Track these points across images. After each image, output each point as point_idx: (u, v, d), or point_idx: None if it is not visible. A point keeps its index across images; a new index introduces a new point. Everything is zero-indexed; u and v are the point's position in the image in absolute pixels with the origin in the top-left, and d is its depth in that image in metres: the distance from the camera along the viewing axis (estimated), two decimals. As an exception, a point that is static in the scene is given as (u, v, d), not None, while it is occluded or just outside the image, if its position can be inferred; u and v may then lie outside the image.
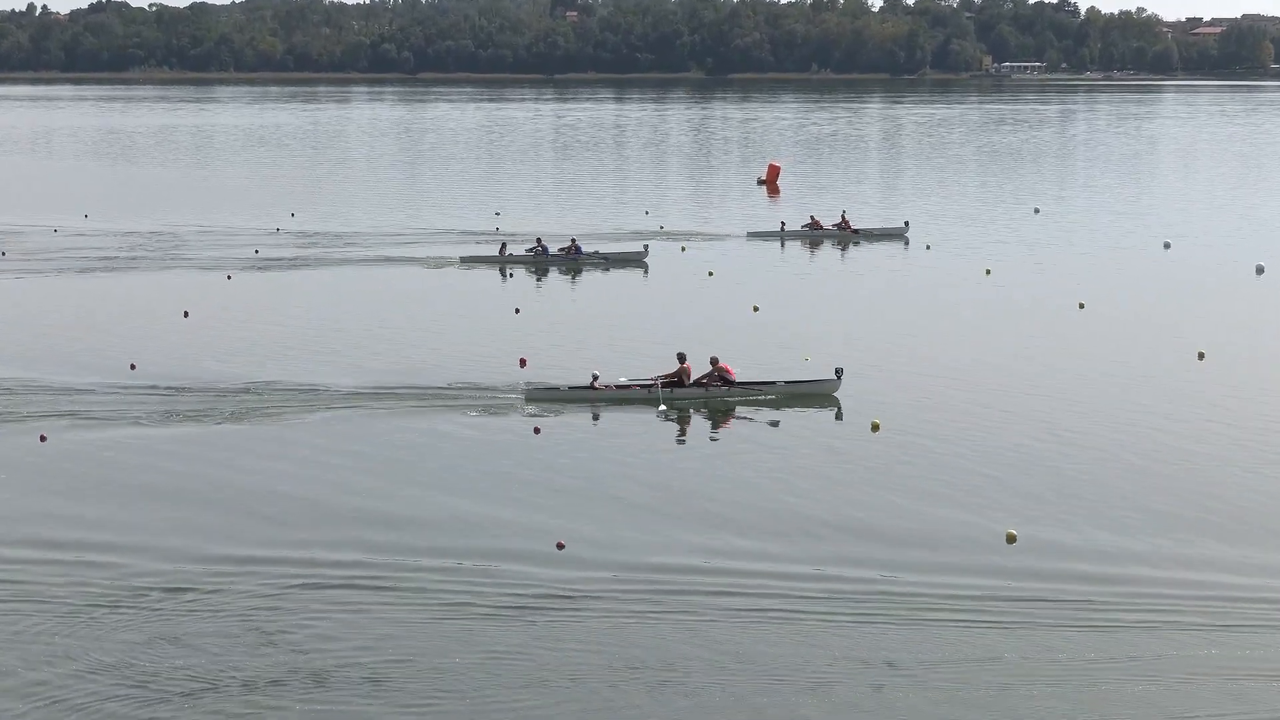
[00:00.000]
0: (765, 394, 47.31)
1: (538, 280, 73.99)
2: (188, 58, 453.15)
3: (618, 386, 47.64)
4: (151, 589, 30.52)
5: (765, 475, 39.19)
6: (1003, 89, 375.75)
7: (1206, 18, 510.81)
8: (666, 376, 47.52)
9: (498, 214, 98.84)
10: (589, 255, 78.11)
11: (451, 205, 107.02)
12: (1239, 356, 53.27)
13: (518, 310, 62.92)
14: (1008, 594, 30.20)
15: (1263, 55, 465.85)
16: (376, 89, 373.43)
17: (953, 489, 37.45)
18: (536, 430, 43.33)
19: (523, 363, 51.09)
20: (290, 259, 78.92)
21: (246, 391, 47.20)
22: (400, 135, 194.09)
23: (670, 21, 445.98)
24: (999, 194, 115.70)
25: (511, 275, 75.27)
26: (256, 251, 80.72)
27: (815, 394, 47.34)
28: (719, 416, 46.12)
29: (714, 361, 47.83)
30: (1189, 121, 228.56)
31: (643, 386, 47.61)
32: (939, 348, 55.00)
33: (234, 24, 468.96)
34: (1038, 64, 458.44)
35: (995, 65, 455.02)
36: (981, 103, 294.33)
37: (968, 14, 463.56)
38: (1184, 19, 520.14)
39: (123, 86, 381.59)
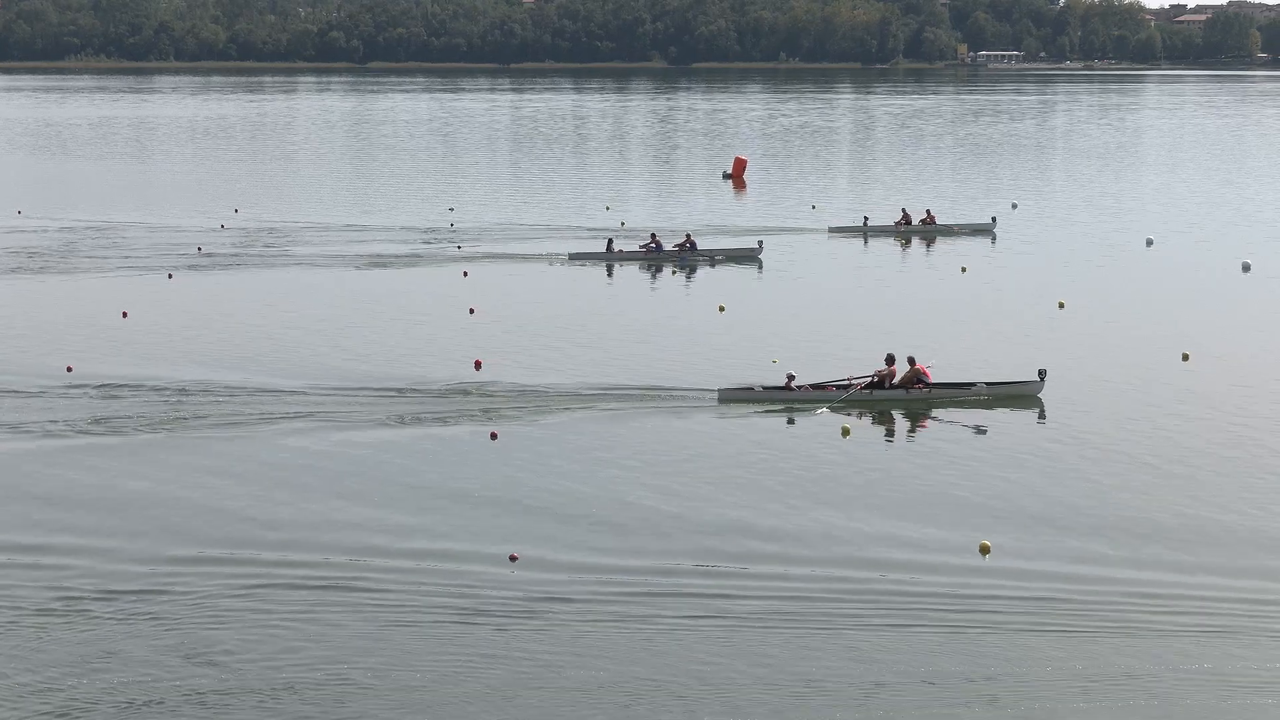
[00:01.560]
0: (967, 396, 47.56)
1: (653, 277, 74.64)
2: (126, 46, 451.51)
3: (812, 387, 47.75)
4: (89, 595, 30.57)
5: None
6: (979, 79, 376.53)
7: (1191, 4, 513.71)
8: (872, 376, 47.91)
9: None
10: (704, 252, 78.90)
11: (405, 200, 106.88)
12: (1225, 357, 53.57)
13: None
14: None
15: (1249, 44, 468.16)
16: (324, 79, 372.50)
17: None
18: (493, 436, 43.27)
19: (478, 365, 51.14)
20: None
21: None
22: (351, 127, 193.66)
23: (632, 9, 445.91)
24: (977, 189, 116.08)
25: (612, 272, 75.86)
26: (200, 249, 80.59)
27: (1018, 395, 47.67)
28: (916, 419, 46.66)
29: (911, 362, 48.10)
30: (1174, 113, 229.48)
31: (839, 387, 47.76)
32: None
33: (174, 11, 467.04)
34: (1015, 53, 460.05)
35: (971, 54, 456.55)
36: (957, 93, 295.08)
37: (942, 1, 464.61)
38: (1167, 6, 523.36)
39: (58, 76, 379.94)
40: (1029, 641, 28.81)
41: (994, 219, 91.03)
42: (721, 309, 63.54)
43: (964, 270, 74.29)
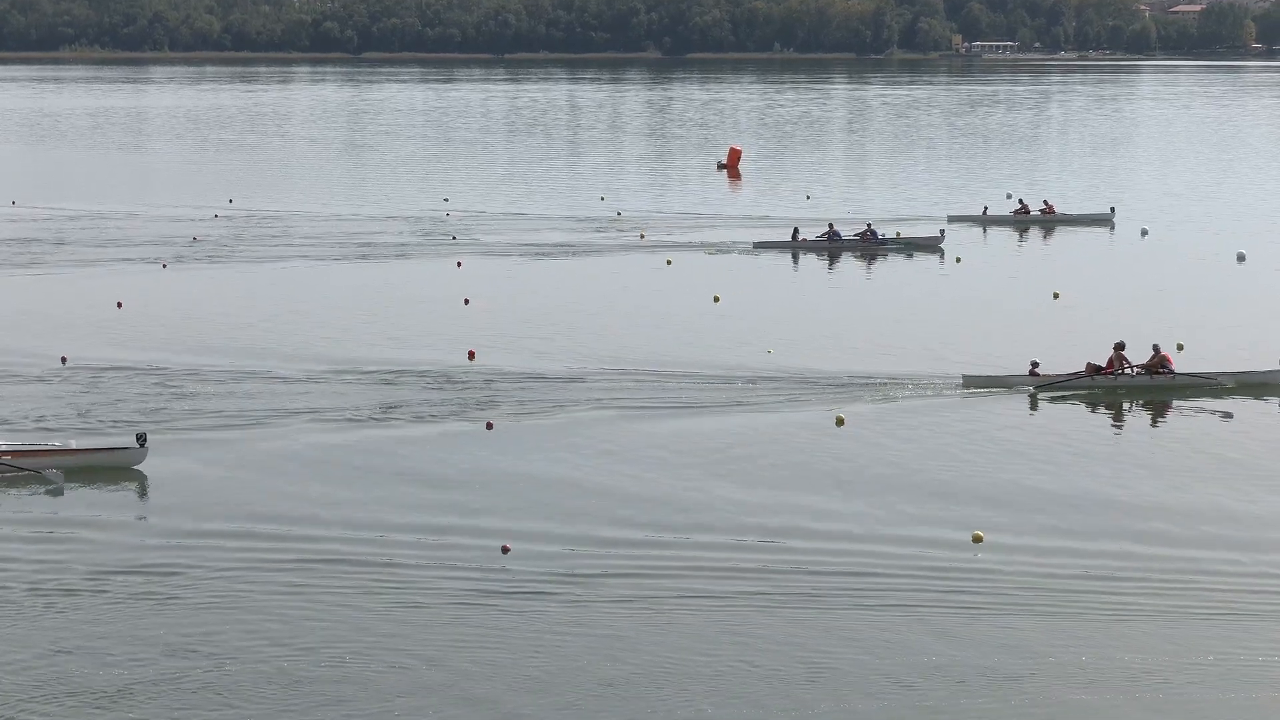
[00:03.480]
0: (1213, 384, 47.48)
1: (830, 265, 74.89)
2: (120, 36, 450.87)
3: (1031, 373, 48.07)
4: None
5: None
6: (974, 69, 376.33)
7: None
8: (1131, 366, 47.91)
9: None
10: (885, 240, 79.04)
11: (400, 189, 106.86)
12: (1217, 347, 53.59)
13: (716, 299, 63.23)
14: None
15: (1244, 35, 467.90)
16: (319, 69, 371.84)
17: None
18: (489, 425, 43.20)
19: (471, 355, 51.14)
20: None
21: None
22: (346, 118, 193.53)
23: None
24: (973, 179, 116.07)
25: (797, 260, 76.20)
26: (194, 239, 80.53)
27: (1266, 384, 47.65)
28: (1158, 407, 46.92)
29: (1156, 349, 48.06)
30: (1171, 103, 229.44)
31: (1073, 375, 47.85)
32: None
33: (168, 1, 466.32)
34: (1010, 43, 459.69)
35: (966, 45, 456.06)
36: (954, 84, 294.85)
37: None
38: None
39: (53, 66, 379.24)
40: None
41: (1112, 209, 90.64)
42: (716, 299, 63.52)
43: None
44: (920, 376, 48.38)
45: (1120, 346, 48.05)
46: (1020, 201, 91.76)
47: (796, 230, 79.69)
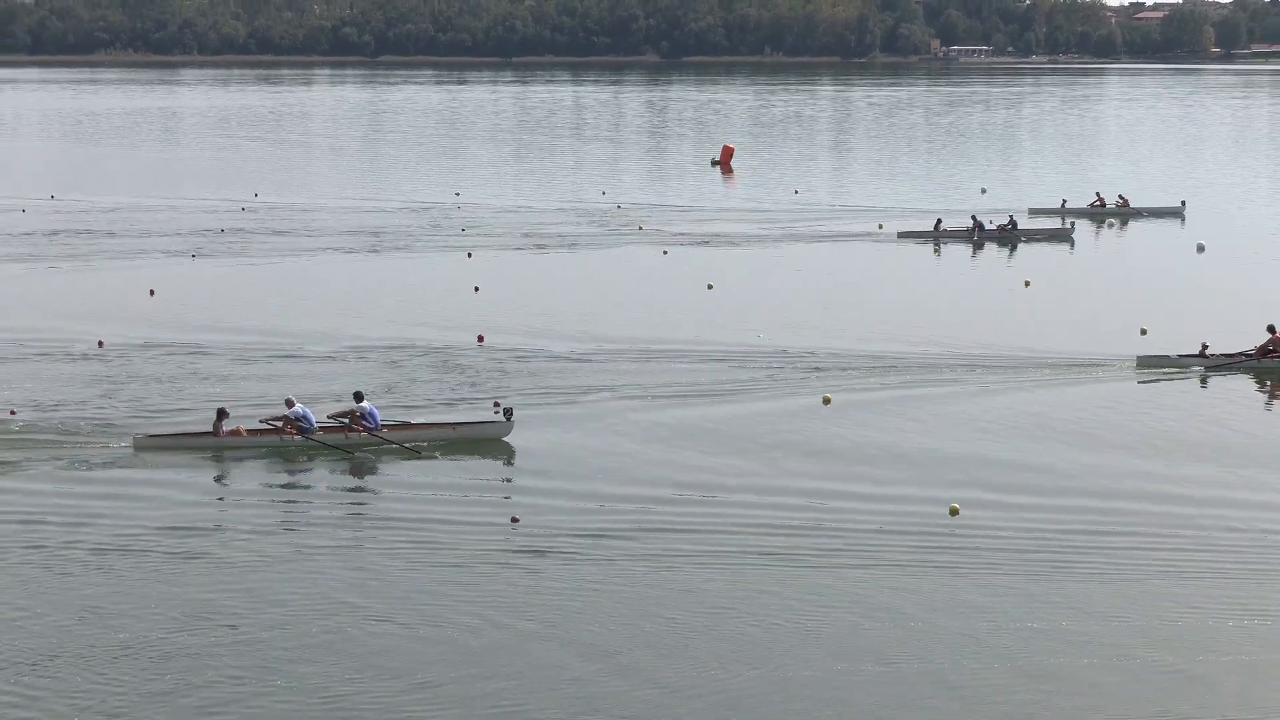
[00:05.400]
0: None
1: (973, 254, 75.06)
2: (152, 41, 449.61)
3: (1226, 356, 47.91)
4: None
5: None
6: (951, 72, 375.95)
7: (1149, 2, 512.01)
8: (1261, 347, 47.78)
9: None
10: (1023, 231, 79.46)
11: (411, 181, 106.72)
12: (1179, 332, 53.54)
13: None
14: None
15: (1203, 39, 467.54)
16: (338, 72, 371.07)
17: None
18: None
19: (480, 339, 51.12)
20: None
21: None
22: (364, 117, 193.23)
23: (626, 5, 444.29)
24: (949, 175, 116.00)
25: (939, 250, 76.29)
26: (222, 231, 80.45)
27: None
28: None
29: (1271, 330, 47.88)
30: (1138, 104, 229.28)
31: (1246, 356, 47.70)
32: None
33: (197, 8, 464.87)
34: (985, 48, 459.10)
35: (943, 49, 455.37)
36: (933, 85, 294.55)
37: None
38: (1127, 3, 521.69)
39: (89, 69, 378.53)
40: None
41: (1183, 202, 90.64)
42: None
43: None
44: (1094, 358, 48.46)
45: (1272, 329, 47.75)
46: (1097, 194, 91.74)
47: (939, 221, 79.92)
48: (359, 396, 39.71)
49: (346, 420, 39.17)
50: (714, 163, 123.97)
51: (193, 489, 35.89)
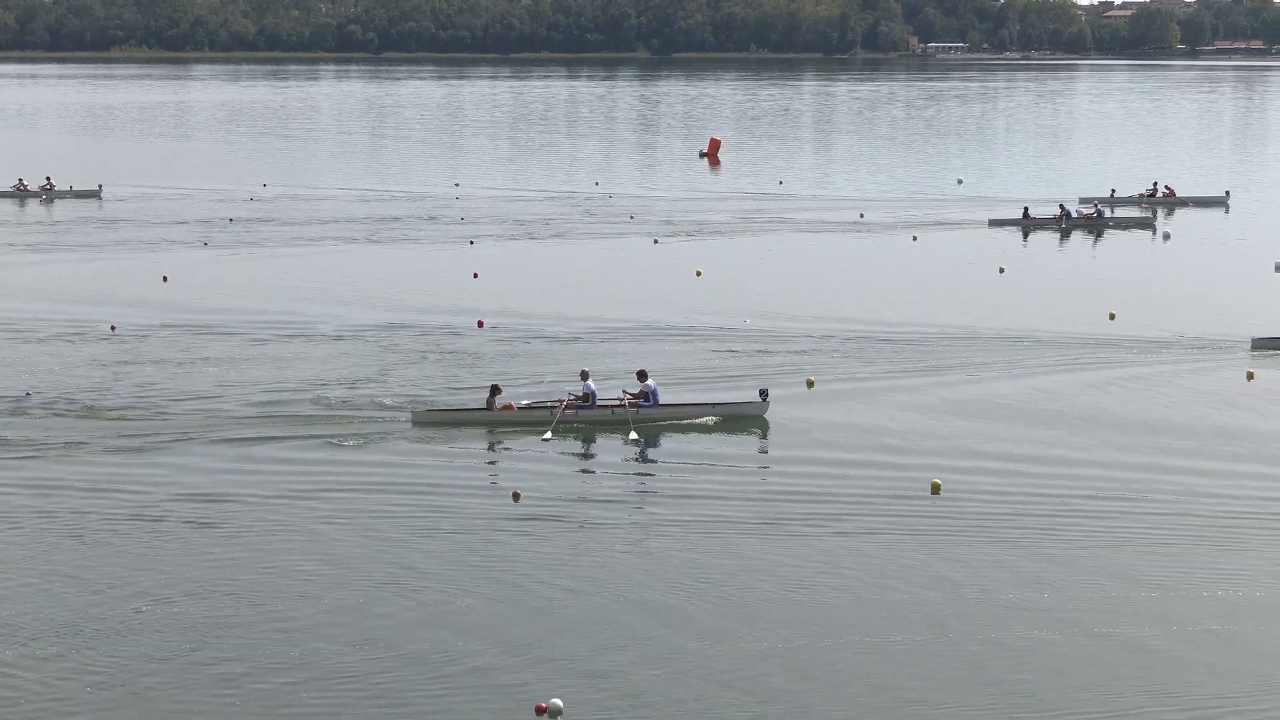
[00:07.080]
0: None
1: (1061, 240, 75.12)
2: (165, 38, 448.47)
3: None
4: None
5: None
6: (929, 68, 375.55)
7: (1118, 1, 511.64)
8: None
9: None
10: (1108, 219, 79.80)
11: (412, 173, 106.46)
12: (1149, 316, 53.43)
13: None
14: None
15: (1169, 36, 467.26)
16: (343, 68, 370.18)
17: None
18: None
19: (480, 324, 50.90)
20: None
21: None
22: (368, 111, 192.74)
23: (618, 4, 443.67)
24: (927, 166, 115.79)
25: (1027, 237, 76.20)
26: (231, 220, 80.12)
27: None
28: None
29: None
30: (1108, 98, 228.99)
31: None
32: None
33: (209, 6, 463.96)
34: (961, 44, 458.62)
35: (921, 46, 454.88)
36: (912, 80, 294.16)
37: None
38: (1096, 2, 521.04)
39: (105, 65, 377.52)
40: None
41: (1227, 192, 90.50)
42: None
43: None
44: (1207, 340, 48.32)
45: None
46: (1154, 184, 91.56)
47: (1027, 209, 79.89)
48: (642, 375, 40.14)
49: (628, 397, 39.45)
50: (702, 154, 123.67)
51: (471, 456, 36.75)
